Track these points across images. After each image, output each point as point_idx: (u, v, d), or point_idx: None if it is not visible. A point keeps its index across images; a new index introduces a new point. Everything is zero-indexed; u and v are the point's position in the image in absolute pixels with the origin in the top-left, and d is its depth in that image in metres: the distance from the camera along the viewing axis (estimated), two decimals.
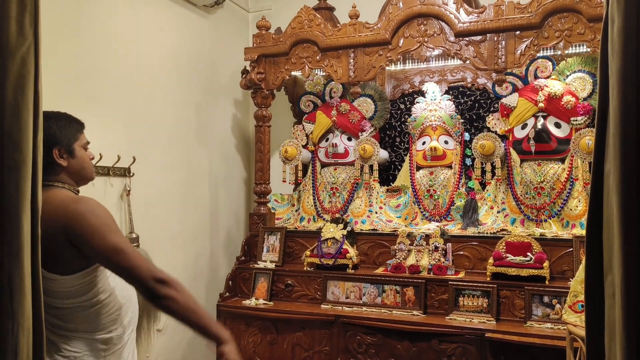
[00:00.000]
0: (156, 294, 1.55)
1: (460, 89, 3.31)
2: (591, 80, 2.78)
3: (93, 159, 1.84)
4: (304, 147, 3.39)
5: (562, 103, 2.78)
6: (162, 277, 1.57)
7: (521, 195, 2.90)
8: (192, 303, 1.64)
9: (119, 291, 1.70)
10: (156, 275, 1.56)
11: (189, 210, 3.29)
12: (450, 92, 3.28)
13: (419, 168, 3.20)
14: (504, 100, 2.94)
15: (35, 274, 1.08)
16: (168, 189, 3.09)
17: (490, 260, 2.68)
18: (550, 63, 2.87)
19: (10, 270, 1.02)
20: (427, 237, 2.88)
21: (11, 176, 1.01)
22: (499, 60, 2.70)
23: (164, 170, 3.07)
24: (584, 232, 2.66)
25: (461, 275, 2.76)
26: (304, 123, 3.41)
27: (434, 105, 3.16)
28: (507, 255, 2.65)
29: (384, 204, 3.27)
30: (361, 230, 3.13)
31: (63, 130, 1.67)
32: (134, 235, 2.69)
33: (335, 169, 3.34)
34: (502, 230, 2.86)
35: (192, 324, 1.65)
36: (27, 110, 1.02)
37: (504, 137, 2.98)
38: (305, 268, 3.03)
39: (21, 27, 1.00)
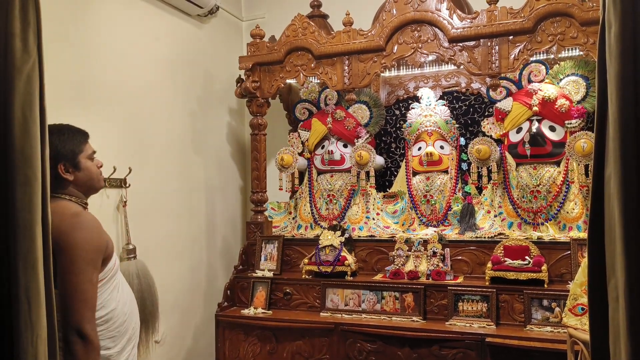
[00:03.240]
0: (67, 339, 1.53)
1: (455, 94, 3.32)
2: (585, 84, 2.80)
3: (101, 166, 1.82)
4: (300, 154, 3.38)
5: (556, 106, 2.79)
6: (86, 333, 1.53)
7: (518, 199, 2.91)
8: None
9: (120, 308, 1.69)
10: (82, 327, 1.53)
11: (186, 220, 3.28)
12: (445, 97, 3.29)
13: (415, 174, 3.20)
14: (498, 104, 2.95)
15: (48, 284, 1.09)
16: (164, 199, 3.08)
17: (489, 265, 2.68)
18: (543, 67, 2.89)
19: (27, 284, 1.04)
20: (425, 242, 2.88)
21: (24, 192, 1.03)
22: (493, 65, 2.71)
23: (160, 180, 3.05)
24: (581, 235, 2.68)
25: (460, 280, 2.76)
26: (299, 130, 3.41)
27: (429, 111, 3.17)
28: (506, 259, 2.66)
29: (381, 210, 3.27)
30: (359, 236, 3.12)
31: (66, 144, 1.66)
32: (130, 247, 2.68)
33: (331, 176, 3.34)
34: (500, 234, 2.86)
35: None
36: (35, 126, 1.03)
37: (499, 142, 2.99)
38: (303, 276, 3.02)
39: (26, 44, 1.01)
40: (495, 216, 2.99)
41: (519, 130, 2.90)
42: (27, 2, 1.04)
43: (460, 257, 2.86)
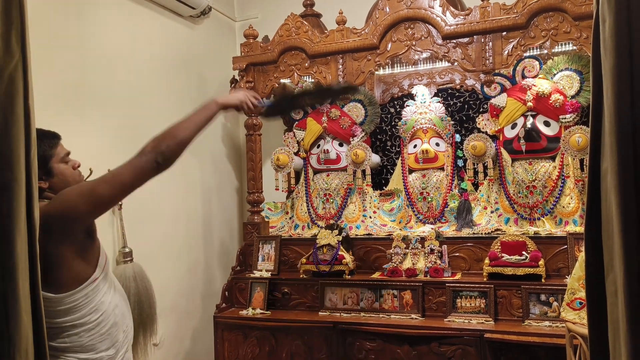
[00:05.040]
0: (155, 163, 1.58)
1: (449, 91, 3.32)
2: (578, 78, 2.81)
3: (79, 166, 1.78)
4: (296, 154, 3.38)
5: (551, 101, 2.80)
6: (143, 151, 1.59)
7: (514, 195, 2.92)
8: (174, 129, 1.67)
9: (111, 310, 1.67)
10: (140, 156, 1.58)
11: (182, 221, 3.27)
12: (440, 94, 3.29)
13: (411, 171, 3.20)
14: (493, 100, 2.96)
15: (35, 294, 1.06)
16: (160, 202, 3.06)
17: (486, 261, 2.68)
18: (537, 62, 2.89)
19: (4, 291, 1.00)
20: (423, 240, 2.88)
21: (3, 195, 0.99)
22: (487, 61, 2.72)
23: (155, 182, 3.00)
24: (577, 229, 2.69)
25: (458, 276, 2.76)
26: (294, 130, 3.40)
27: (423, 108, 3.17)
28: (503, 255, 2.66)
29: (378, 208, 3.27)
30: (356, 235, 3.12)
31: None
32: (127, 250, 2.66)
33: (327, 175, 3.33)
34: (497, 230, 2.87)
35: (193, 131, 1.70)
36: (18, 128, 1.00)
37: (494, 138, 2.99)
38: (301, 276, 3.02)
39: (8, 45, 0.98)
40: (492, 212, 2.99)
41: (513, 126, 2.90)
42: (11, 2, 1.02)
43: (457, 254, 2.86)
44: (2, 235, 1.00)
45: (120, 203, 2.69)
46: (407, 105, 3.24)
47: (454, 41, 2.78)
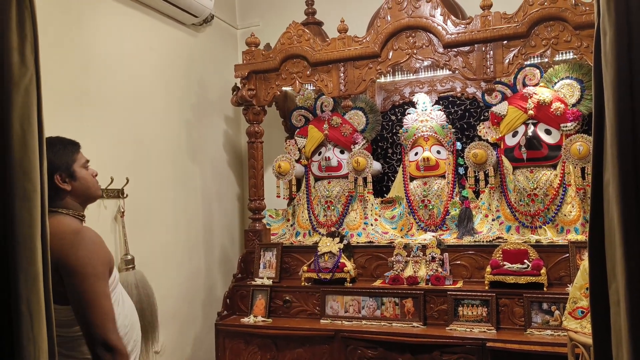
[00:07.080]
0: (96, 356, 1.55)
1: (450, 99, 3.34)
2: (579, 87, 2.82)
3: (96, 175, 1.83)
4: (297, 161, 3.39)
5: (552, 110, 2.81)
6: (112, 345, 1.55)
7: (515, 203, 2.92)
8: None
9: (121, 320, 1.68)
10: (107, 339, 1.55)
11: (184, 229, 3.27)
12: (441, 102, 3.31)
13: (412, 179, 3.21)
14: (494, 108, 2.97)
15: (47, 297, 1.09)
16: (162, 209, 3.07)
17: (488, 269, 2.68)
18: (538, 71, 2.90)
19: (29, 297, 1.04)
20: (424, 247, 2.88)
21: (23, 205, 1.03)
22: (488, 69, 2.73)
23: (158, 190, 3.05)
24: (579, 238, 2.69)
25: (459, 284, 2.76)
26: (296, 137, 3.41)
27: (425, 116, 3.18)
28: (504, 263, 2.66)
29: (379, 216, 3.27)
30: (357, 243, 3.12)
31: (59, 155, 1.68)
32: (129, 257, 2.67)
33: (329, 183, 3.34)
34: (498, 238, 2.87)
35: None
36: (34, 140, 1.03)
37: (495, 145, 3.00)
38: (302, 283, 3.02)
39: (23, 58, 1.01)
40: (493, 220, 3.00)
41: (514, 134, 2.91)
42: (24, 15, 1.05)
43: (459, 262, 2.86)
44: (25, 243, 1.04)
45: (122, 210, 2.70)
46: (408, 113, 3.26)
47: (455, 50, 2.79)
